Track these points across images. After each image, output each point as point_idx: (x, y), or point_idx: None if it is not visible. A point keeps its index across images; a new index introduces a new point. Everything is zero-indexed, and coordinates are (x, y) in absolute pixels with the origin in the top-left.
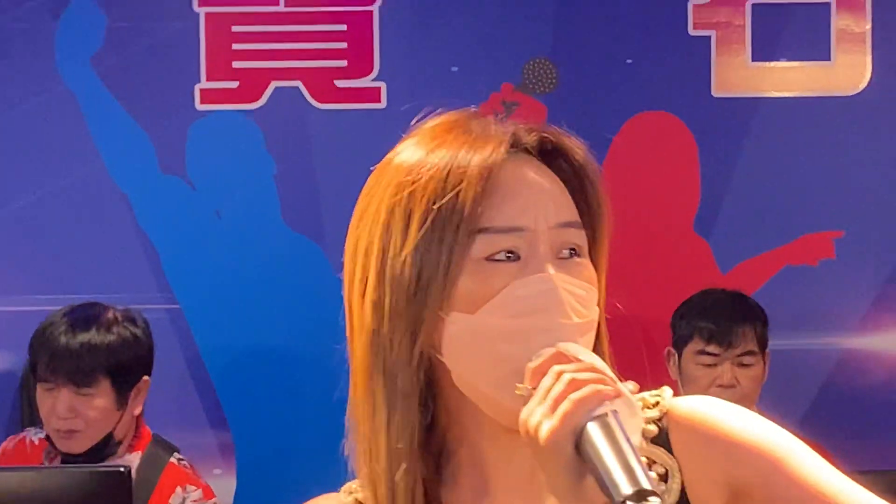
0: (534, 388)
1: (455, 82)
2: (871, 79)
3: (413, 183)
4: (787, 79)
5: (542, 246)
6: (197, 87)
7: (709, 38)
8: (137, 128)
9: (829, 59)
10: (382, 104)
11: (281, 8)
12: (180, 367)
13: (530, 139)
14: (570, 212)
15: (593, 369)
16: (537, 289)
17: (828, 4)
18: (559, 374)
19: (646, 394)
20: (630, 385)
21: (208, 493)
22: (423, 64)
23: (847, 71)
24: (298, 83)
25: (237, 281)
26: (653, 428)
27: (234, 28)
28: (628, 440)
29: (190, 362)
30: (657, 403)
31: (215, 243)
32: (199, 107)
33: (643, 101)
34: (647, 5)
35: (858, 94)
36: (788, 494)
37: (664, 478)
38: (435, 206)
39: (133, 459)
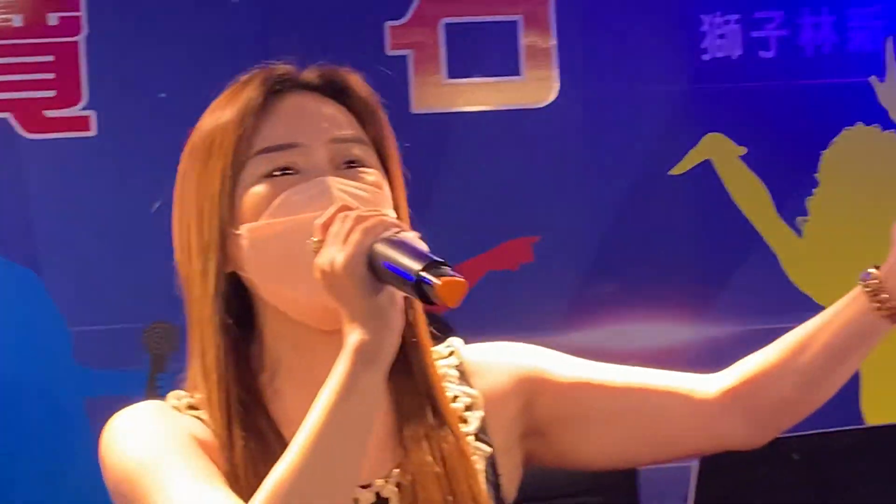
0: (323, 239)
1: (164, 108)
2: (558, 91)
3: (198, 136)
4: (481, 94)
5: (319, 159)
6: None
7: (405, 57)
8: None
9: (519, 74)
10: (92, 132)
11: None
12: None
13: (313, 76)
14: (348, 129)
15: (376, 209)
16: (312, 191)
17: (515, 22)
18: (346, 216)
19: (439, 347)
20: (413, 233)
21: None
22: (132, 91)
23: (536, 85)
24: (8, 115)
25: None
26: (454, 372)
27: None
28: (415, 244)
29: None
30: (452, 353)
31: None
32: None
33: None
34: (345, 28)
35: (547, 106)
36: (567, 379)
37: (469, 408)
38: (212, 145)
39: None
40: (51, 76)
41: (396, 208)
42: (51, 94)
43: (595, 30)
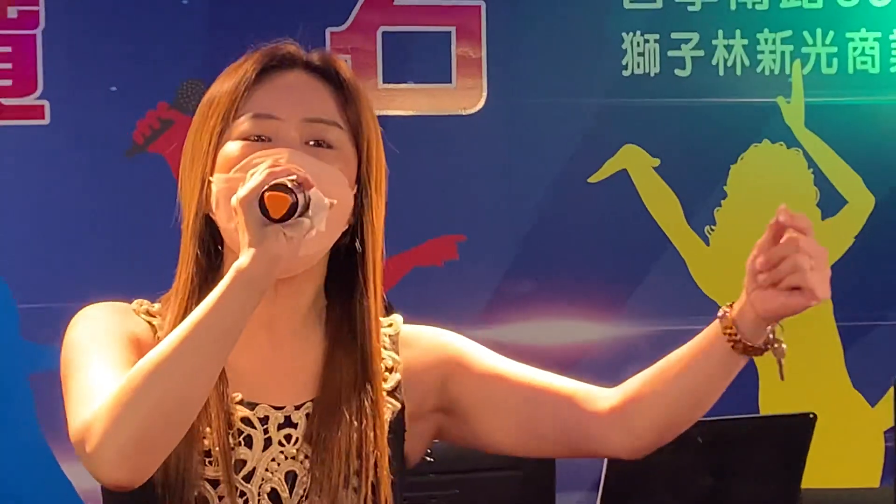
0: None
1: (115, 100)
2: (486, 99)
3: (205, 98)
4: (414, 99)
5: (290, 133)
6: None
7: (344, 60)
8: None
9: (450, 81)
10: (46, 121)
11: None
12: None
13: (312, 57)
14: (324, 111)
15: (297, 167)
16: (271, 156)
17: (448, 33)
18: (263, 165)
19: (382, 319)
20: (328, 200)
21: None
22: (84, 84)
23: (466, 92)
24: None
25: None
26: (386, 339)
27: None
28: (299, 186)
29: None
30: (391, 325)
31: None
32: None
33: None
34: (288, 31)
35: (476, 112)
36: (481, 368)
37: (389, 370)
38: (210, 107)
39: None
40: (8, 66)
41: (365, 187)
42: (7, 83)
43: (523, 43)
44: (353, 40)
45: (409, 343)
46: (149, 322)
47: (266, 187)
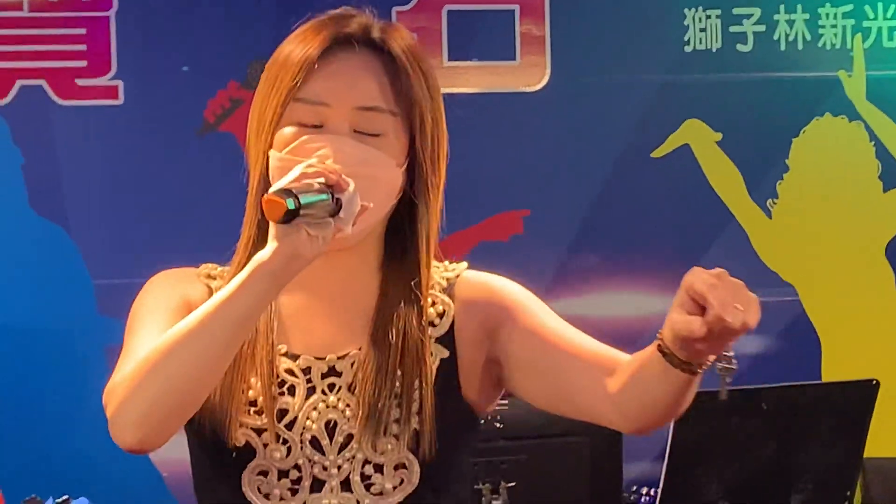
0: None
1: (186, 80)
2: (549, 76)
3: (275, 61)
4: (478, 76)
5: (340, 121)
6: None
7: (407, 31)
8: None
9: (514, 59)
10: (120, 100)
11: (25, 13)
12: None
13: (376, 35)
14: (374, 97)
15: (333, 171)
16: (319, 143)
17: (512, 11)
18: (307, 164)
19: (448, 263)
20: (362, 203)
21: None
22: (157, 64)
23: (530, 69)
24: (42, 82)
25: None
26: (443, 281)
27: None
28: (317, 191)
29: None
30: (454, 269)
31: None
32: None
33: None
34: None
35: (539, 90)
36: (526, 324)
37: (441, 315)
38: (276, 78)
39: None
40: (83, 47)
41: (419, 161)
42: (82, 64)
43: (586, 21)
44: (418, 19)
45: (466, 288)
46: (207, 284)
47: (270, 191)
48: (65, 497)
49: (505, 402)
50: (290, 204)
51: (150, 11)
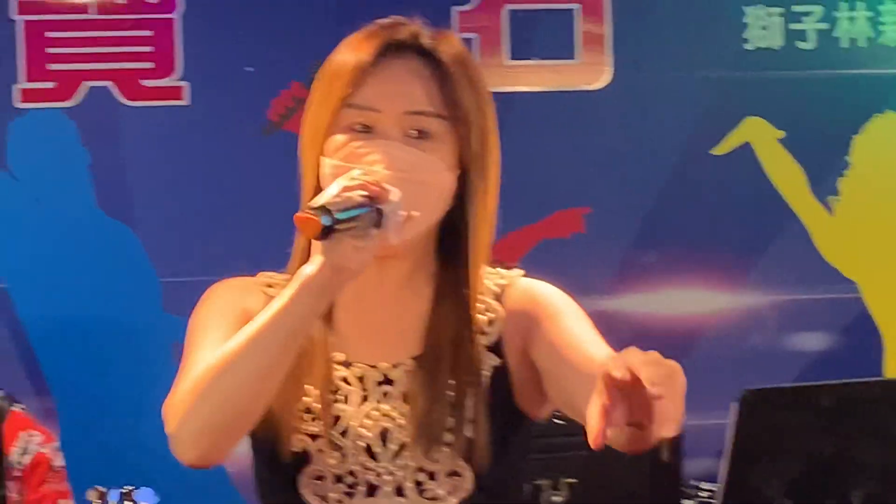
0: None
1: (250, 81)
2: (610, 74)
3: (326, 70)
4: (539, 76)
5: (390, 126)
6: (16, 87)
7: (472, 40)
8: None
9: (574, 58)
10: (185, 101)
11: (92, 15)
12: (4, 339)
13: (426, 42)
14: (424, 102)
15: (374, 182)
16: (370, 148)
17: (573, 10)
18: (349, 176)
19: (502, 270)
20: (404, 213)
21: (49, 437)
22: (222, 65)
23: (590, 68)
24: (109, 83)
25: (56, 260)
26: (496, 288)
27: (49, 34)
28: (358, 204)
29: (13, 334)
30: (505, 277)
31: (36, 228)
32: (19, 105)
33: None
34: (416, 11)
35: (600, 88)
36: (549, 333)
37: (491, 323)
38: (329, 86)
39: None
40: (149, 49)
41: (469, 167)
42: (149, 65)
43: (646, 19)
44: (479, 18)
45: (514, 297)
46: (266, 293)
47: (304, 208)
48: (129, 488)
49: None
50: (325, 221)
51: (214, 13)
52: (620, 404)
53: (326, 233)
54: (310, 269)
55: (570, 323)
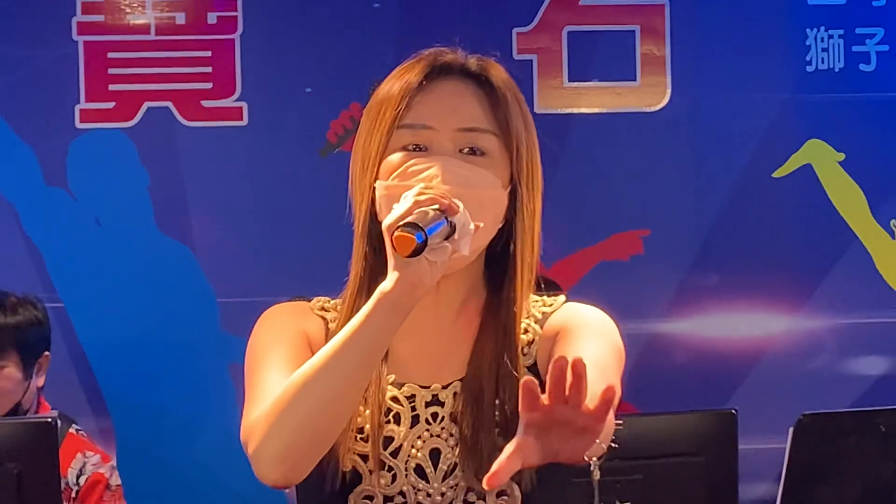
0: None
1: (309, 102)
2: (670, 96)
3: (375, 100)
4: (599, 97)
5: (445, 143)
6: (77, 108)
7: (531, 61)
8: (23, 145)
9: (634, 79)
10: (244, 122)
11: (152, 37)
12: (63, 359)
13: (471, 65)
14: (476, 119)
15: (443, 195)
16: (426, 166)
17: (633, 32)
18: (417, 191)
19: (545, 297)
20: (473, 224)
21: (105, 458)
22: (281, 86)
23: (650, 90)
24: (169, 103)
25: (115, 281)
26: (539, 315)
27: (110, 55)
28: (430, 216)
29: (72, 355)
30: (551, 304)
31: (95, 247)
32: (80, 125)
33: None
34: (476, 32)
35: (660, 110)
36: (563, 342)
37: (530, 343)
38: (379, 113)
39: None
40: (208, 70)
41: (517, 186)
42: (208, 86)
43: (706, 41)
44: (539, 40)
45: (554, 318)
46: (322, 317)
47: (398, 226)
48: None
49: (620, 422)
50: (420, 238)
51: (274, 34)
52: (542, 434)
53: (419, 251)
54: (385, 286)
55: (583, 338)
